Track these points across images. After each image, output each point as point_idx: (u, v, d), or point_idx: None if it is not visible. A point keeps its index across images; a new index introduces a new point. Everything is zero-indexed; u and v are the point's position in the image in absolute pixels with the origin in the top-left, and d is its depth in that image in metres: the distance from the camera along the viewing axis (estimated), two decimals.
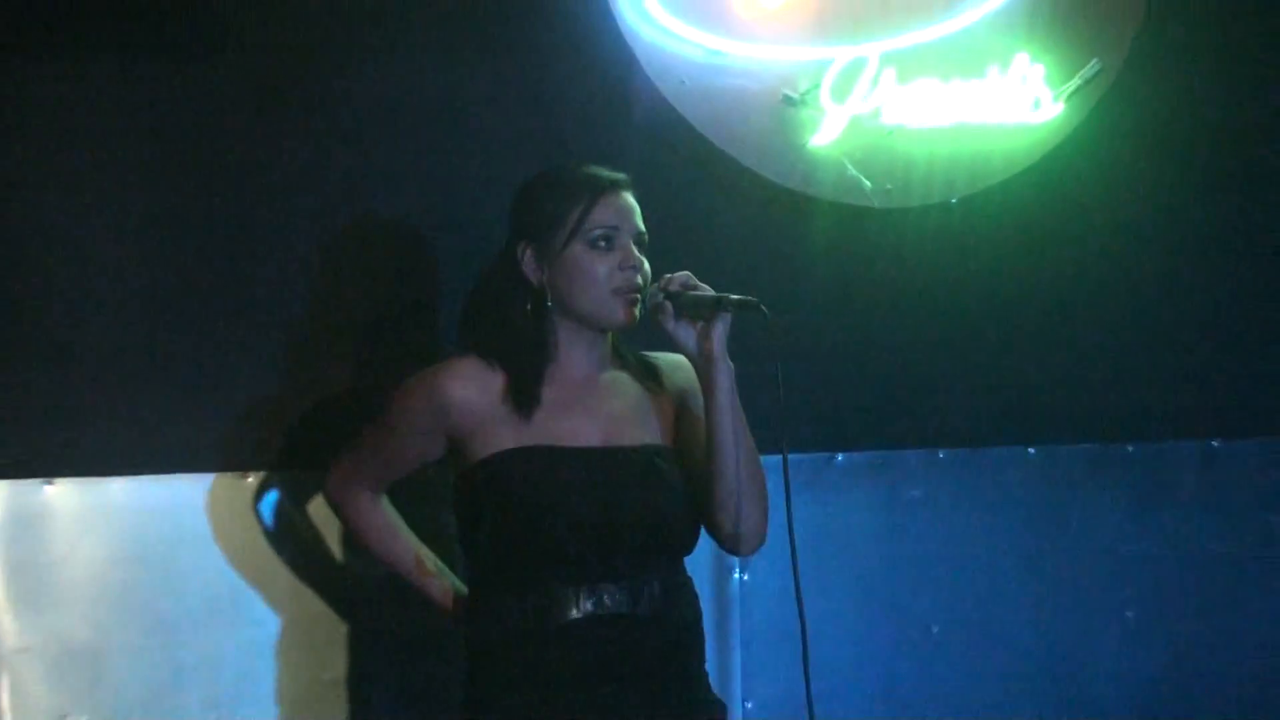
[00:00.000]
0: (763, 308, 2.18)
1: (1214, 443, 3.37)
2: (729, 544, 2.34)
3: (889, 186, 3.04)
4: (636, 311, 2.23)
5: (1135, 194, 3.31)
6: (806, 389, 2.77)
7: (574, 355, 2.29)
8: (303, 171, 2.71)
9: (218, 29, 2.65)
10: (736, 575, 2.96)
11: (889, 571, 3.22)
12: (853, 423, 3.07)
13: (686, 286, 2.21)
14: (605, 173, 2.29)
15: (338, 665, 2.78)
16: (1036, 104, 3.10)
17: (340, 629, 2.76)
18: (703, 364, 2.25)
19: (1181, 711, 3.44)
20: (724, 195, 2.94)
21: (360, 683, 2.84)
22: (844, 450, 3.07)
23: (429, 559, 2.48)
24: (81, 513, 2.65)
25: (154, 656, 2.69)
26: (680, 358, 2.31)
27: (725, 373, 2.23)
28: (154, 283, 2.69)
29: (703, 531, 2.37)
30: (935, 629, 3.27)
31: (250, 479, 2.71)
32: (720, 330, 2.21)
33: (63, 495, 2.62)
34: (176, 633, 2.71)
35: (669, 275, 2.23)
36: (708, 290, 2.20)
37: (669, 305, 2.22)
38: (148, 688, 2.69)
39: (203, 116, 2.65)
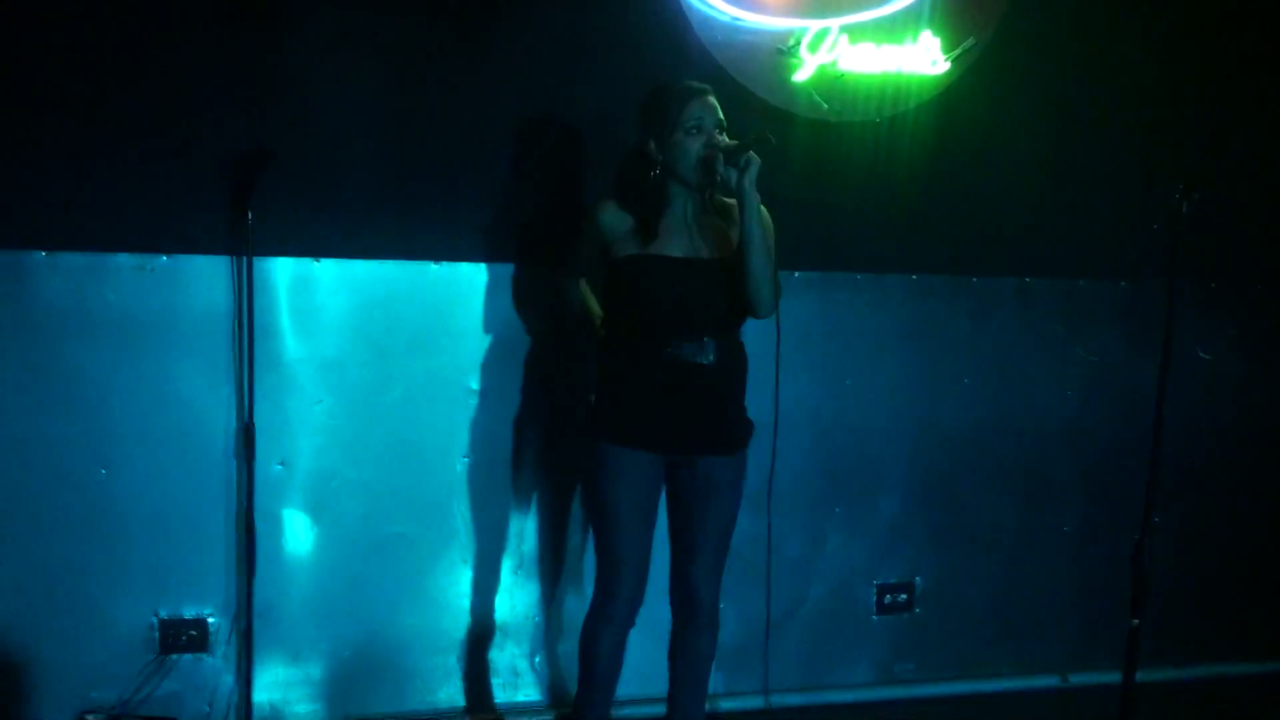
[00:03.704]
0: (769, 136, 3.13)
1: (1025, 279, 4.46)
2: (752, 311, 3.34)
3: (840, 108, 4.13)
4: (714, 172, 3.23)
5: (990, 117, 4.29)
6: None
7: (675, 202, 3.34)
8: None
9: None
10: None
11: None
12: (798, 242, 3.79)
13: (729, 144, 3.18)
14: (694, 84, 3.28)
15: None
16: (934, 63, 4.15)
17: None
18: (739, 196, 3.22)
19: None
20: (740, 109, 3.71)
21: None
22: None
23: (596, 308, 3.60)
24: (338, 282, 3.81)
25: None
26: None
27: (752, 202, 3.18)
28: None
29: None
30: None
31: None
32: (750, 172, 3.14)
33: (326, 270, 3.81)
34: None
35: (725, 141, 3.21)
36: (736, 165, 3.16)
37: (720, 155, 3.19)
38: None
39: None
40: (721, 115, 3.28)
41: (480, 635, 4.11)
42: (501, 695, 4.14)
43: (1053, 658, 4.65)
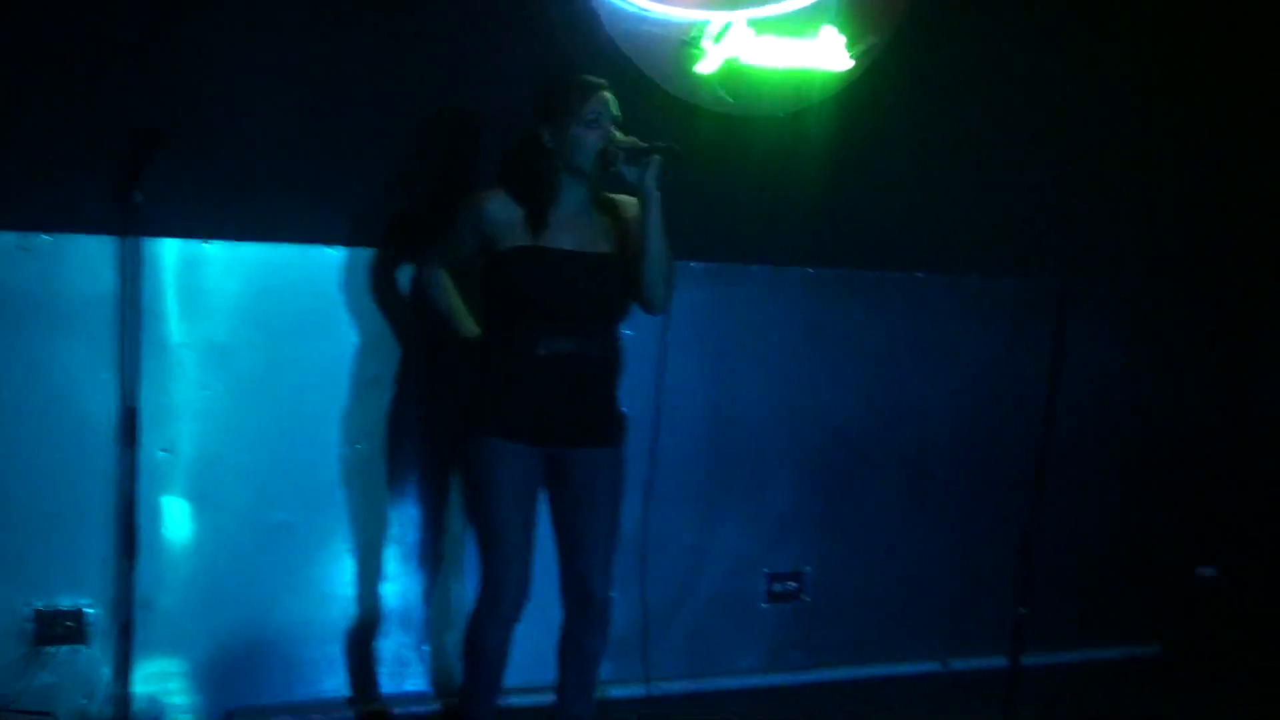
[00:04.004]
0: (675, 148, 3.18)
1: (917, 275, 4.53)
2: (645, 307, 3.39)
3: (743, 102, 4.12)
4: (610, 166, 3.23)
5: (889, 115, 4.34)
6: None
7: (566, 194, 3.33)
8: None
9: None
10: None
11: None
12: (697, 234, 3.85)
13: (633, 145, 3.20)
14: (594, 79, 3.28)
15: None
16: (837, 59, 4.18)
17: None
18: (641, 194, 3.27)
19: None
20: (643, 99, 3.83)
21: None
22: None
23: (461, 309, 3.52)
24: (229, 264, 3.71)
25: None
26: (630, 198, 3.33)
27: (654, 200, 3.24)
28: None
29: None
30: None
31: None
32: (652, 171, 3.20)
33: (216, 252, 3.69)
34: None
35: (622, 137, 3.24)
36: (640, 161, 3.20)
37: (620, 154, 3.22)
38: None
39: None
40: (618, 110, 3.28)
41: (366, 624, 4.04)
42: (388, 685, 4.08)
43: (934, 644, 4.76)
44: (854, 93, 4.28)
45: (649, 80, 4.00)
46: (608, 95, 3.29)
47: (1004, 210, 4.50)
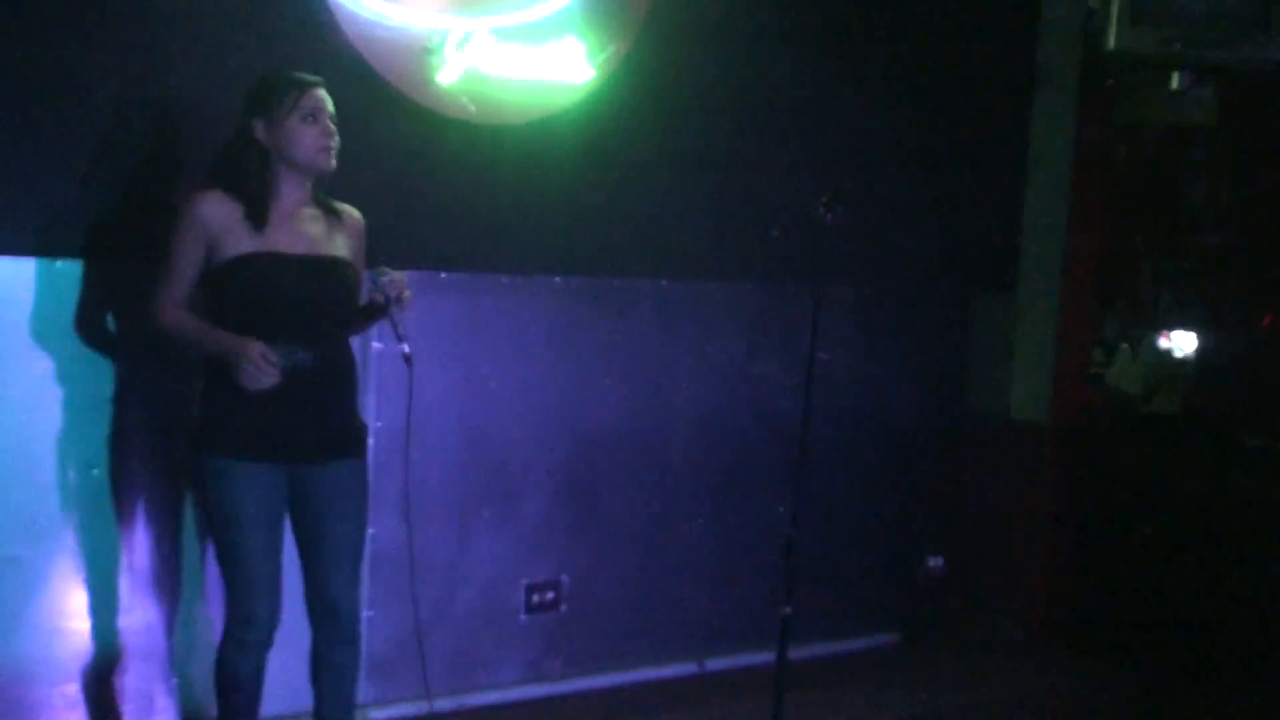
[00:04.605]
0: (407, 358, 3.23)
1: (662, 282, 4.59)
2: None
3: (486, 111, 4.12)
4: (332, 161, 3.24)
5: (632, 124, 4.40)
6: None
7: (288, 193, 3.28)
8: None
9: None
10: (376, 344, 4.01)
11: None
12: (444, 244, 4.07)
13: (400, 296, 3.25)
14: (310, 76, 3.27)
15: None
16: (578, 68, 4.23)
17: None
18: (379, 310, 3.31)
19: None
20: (384, 107, 3.89)
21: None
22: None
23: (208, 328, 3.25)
24: None
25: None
26: (352, 208, 3.38)
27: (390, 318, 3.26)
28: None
29: None
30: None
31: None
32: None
33: None
34: None
35: (391, 279, 3.26)
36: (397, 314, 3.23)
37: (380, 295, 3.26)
38: None
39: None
40: (334, 108, 3.27)
41: (106, 660, 3.83)
42: None
43: (690, 645, 4.84)
44: (597, 101, 4.33)
45: (390, 88, 3.96)
46: (324, 92, 3.28)
47: (746, 216, 4.62)
